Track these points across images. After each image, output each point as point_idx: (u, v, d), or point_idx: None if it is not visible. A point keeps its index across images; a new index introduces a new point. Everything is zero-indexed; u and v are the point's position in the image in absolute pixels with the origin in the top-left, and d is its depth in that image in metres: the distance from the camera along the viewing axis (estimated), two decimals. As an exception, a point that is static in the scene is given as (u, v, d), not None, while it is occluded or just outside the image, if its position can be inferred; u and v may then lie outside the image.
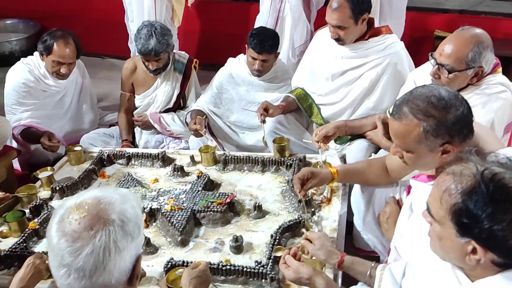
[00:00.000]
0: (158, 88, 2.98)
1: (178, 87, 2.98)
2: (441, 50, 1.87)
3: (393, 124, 1.44)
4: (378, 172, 1.85)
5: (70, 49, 2.71)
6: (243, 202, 2.13)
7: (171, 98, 2.99)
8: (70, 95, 3.00)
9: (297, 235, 1.89)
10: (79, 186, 2.31)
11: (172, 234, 1.93)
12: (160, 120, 2.96)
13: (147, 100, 3.01)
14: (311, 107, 2.60)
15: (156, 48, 2.71)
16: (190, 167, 2.46)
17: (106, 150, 2.59)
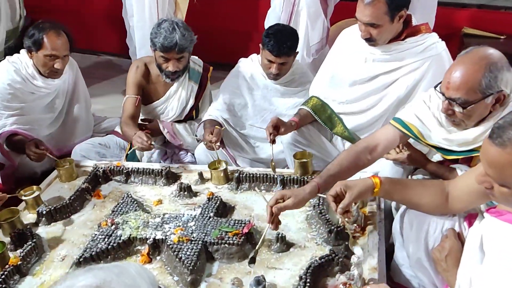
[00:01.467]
0: (170, 98, 2.63)
1: (193, 98, 2.64)
2: (447, 82, 1.57)
3: (490, 149, 1.15)
4: (434, 197, 1.52)
5: (63, 40, 2.41)
6: (262, 231, 1.81)
7: (184, 109, 2.66)
8: (61, 97, 2.68)
9: (329, 275, 1.58)
10: (69, 208, 2.00)
11: (180, 272, 1.62)
12: (172, 127, 2.63)
13: (157, 111, 2.66)
14: (330, 118, 2.28)
15: (180, 43, 2.36)
16: (198, 185, 2.14)
17: (101, 165, 2.27)
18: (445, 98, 1.59)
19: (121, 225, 1.81)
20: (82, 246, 1.79)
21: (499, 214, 1.26)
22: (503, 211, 1.25)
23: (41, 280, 1.67)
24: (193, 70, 2.63)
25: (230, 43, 4.00)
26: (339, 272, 1.57)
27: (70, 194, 2.08)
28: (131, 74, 2.59)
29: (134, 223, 1.82)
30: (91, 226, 1.92)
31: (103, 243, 1.72)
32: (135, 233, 1.77)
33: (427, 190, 1.54)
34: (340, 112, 2.27)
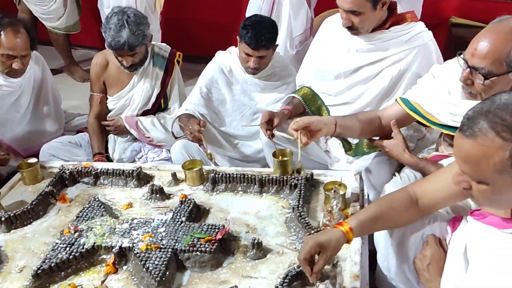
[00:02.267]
0: (134, 87, 2.51)
1: (159, 86, 2.51)
2: (473, 49, 1.45)
3: (462, 143, 1.04)
4: (405, 210, 1.39)
5: (22, 39, 2.22)
6: (238, 236, 1.69)
7: (150, 98, 2.53)
8: (27, 95, 2.50)
9: (308, 284, 1.46)
10: (31, 214, 1.85)
11: (148, 283, 1.49)
12: (137, 124, 2.50)
13: (122, 102, 2.54)
14: (319, 109, 2.16)
15: (129, 41, 2.24)
16: (171, 187, 2.01)
17: (69, 166, 2.13)
18: (467, 66, 1.47)
19: (85, 232, 1.68)
20: (42, 256, 1.65)
21: (482, 217, 1.15)
22: (486, 213, 1.14)
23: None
24: (157, 56, 2.50)
25: (211, 35, 3.84)
26: (319, 281, 1.46)
27: (33, 197, 1.93)
28: (92, 70, 2.51)
29: (99, 230, 1.68)
30: (54, 233, 1.78)
31: (64, 253, 1.59)
32: (99, 241, 1.63)
33: (397, 210, 1.39)
34: (327, 104, 2.15)
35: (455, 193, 1.29)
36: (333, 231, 1.37)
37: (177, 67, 2.57)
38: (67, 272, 1.57)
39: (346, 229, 1.34)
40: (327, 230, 1.44)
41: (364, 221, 1.38)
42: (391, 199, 1.44)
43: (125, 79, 2.50)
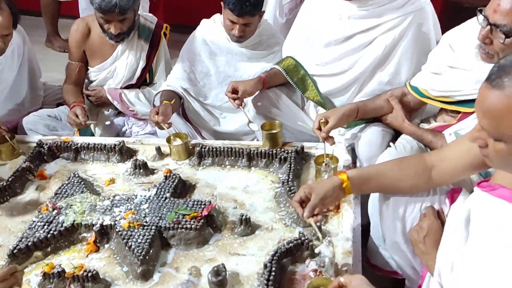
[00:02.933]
0: (118, 59, 2.38)
1: (144, 59, 2.38)
2: (495, 5, 1.37)
3: (487, 94, 0.96)
4: (414, 174, 1.33)
5: (4, 17, 2.06)
6: (225, 212, 1.62)
7: (135, 72, 2.40)
8: (9, 70, 2.37)
9: (298, 260, 1.41)
10: (8, 191, 1.76)
11: (130, 262, 1.42)
12: (121, 96, 2.39)
13: (104, 74, 2.42)
14: (303, 80, 2.06)
15: (120, 4, 2.09)
16: (156, 162, 1.92)
17: (48, 140, 2.03)
18: (487, 23, 1.39)
19: (64, 209, 1.60)
20: (20, 235, 1.57)
21: (492, 189, 1.09)
22: (496, 185, 1.08)
23: (-29, 275, 1.45)
24: (143, 27, 2.36)
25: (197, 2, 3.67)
26: (309, 258, 1.40)
27: (10, 174, 1.84)
28: (71, 36, 2.36)
29: (79, 207, 1.60)
30: (32, 211, 1.69)
31: (42, 231, 1.51)
32: (79, 219, 1.55)
33: (405, 171, 1.33)
34: (314, 74, 2.05)
35: (472, 163, 1.24)
36: (328, 178, 1.37)
37: (164, 40, 2.44)
38: (45, 251, 1.50)
39: (342, 176, 1.32)
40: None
41: (364, 174, 1.35)
42: (401, 159, 1.40)
43: (108, 50, 2.37)
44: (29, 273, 1.44)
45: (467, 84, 1.58)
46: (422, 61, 1.82)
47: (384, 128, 1.85)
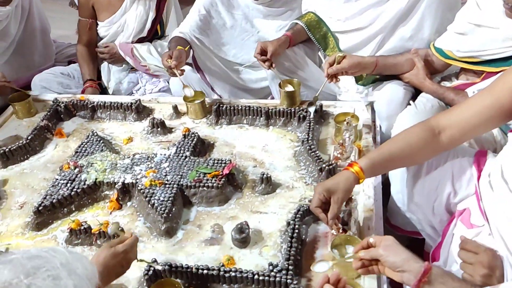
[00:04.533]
0: (127, 11, 2.33)
1: (153, 9, 2.33)
2: None
3: None
4: (424, 145, 1.27)
5: None
6: (245, 171, 1.63)
7: (145, 24, 2.35)
8: (15, 23, 2.32)
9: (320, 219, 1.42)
10: (28, 149, 1.77)
11: (154, 219, 1.44)
12: (132, 51, 2.34)
13: (115, 28, 2.37)
14: (325, 37, 2.00)
15: None
16: (173, 120, 1.92)
17: (63, 98, 2.01)
18: None
19: (85, 168, 1.61)
20: (43, 192, 1.59)
21: None
22: None
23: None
24: None
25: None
26: (334, 220, 1.41)
27: (28, 132, 1.84)
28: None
29: (100, 166, 1.61)
30: (53, 169, 1.71)
31: (65, 189, 1.53)
32: (101, 177, 1.56)
33: (414, 146, 1.27)
34: (336, 31, 1.99)
35: (487, 119, 1.20)
36: (341, 173, 1.29)
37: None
38: (69, 208, 1.52)
39: (356, 169, 1.26)
40: (336, 174, 1.37)
41: (376, 160, 1.29)
42: (407, 135, 1.33)
43: (116, 2, 2.32)
44: (55, 229, 1.47)
45: (494, 42, 1.53)
46: (446, 17, 1.76)
47: (404, 85, 1.82)
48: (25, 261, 0.59)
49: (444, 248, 1.33)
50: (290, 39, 1.97)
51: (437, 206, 1.34)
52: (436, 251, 1.37)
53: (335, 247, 1.25)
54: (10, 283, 0.56)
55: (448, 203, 1.34)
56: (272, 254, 1.33)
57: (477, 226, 1.24)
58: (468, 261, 1.09)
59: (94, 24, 2.37)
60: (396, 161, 1.31)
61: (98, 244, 1.40)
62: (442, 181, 1.33)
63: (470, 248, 1.10)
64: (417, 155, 1.30)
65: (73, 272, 0.60)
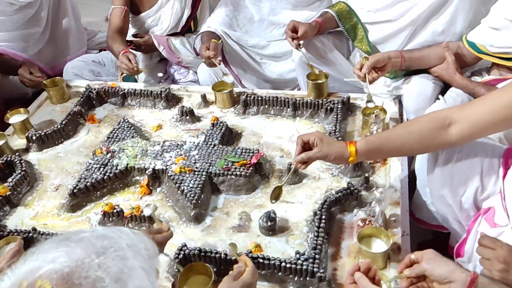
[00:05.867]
0: (162, 7, 2.34)
1: (189, 7, 2.35)
2: None
3: None
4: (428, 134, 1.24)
5: None
6: (272, 161, 1.66)
7: (180, 20, 2.37)
8: (45, 8, 2.37)
9: (346, 209, 1.44)
10: (62, 134, 1.83)
11: (183, 205, 1.48)
12: (168, 42, 2.37)
13: (148, 22, 2.39)
14: (355, 28, 1.99)
15: None
16: (201, 109, 1.95)
17: (95, 85, 2.07)
18: None
19: (117, 153, 1.65)
20: (76, 175, 1.65)
21: None
22: None
23: (34, 212, 1.55)
24: None
25: None
26: (357, 207, 1.43)
27: (62, 117, 1.91)
28: None
29: (131, 152, 1.66)
30: (86, 154, 1.77)
31: (98, 173, 1.58)
32: (132, 163, 1.61)
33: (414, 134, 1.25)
34: (366, 22, 1.98)
35: (501, 119, 1.16)
36: (341, 145, 1.31)
37: None
38: (102, 192, 1.58)
39: (351, 149, 1.27)
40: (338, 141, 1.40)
41: (373, 144, 1.29)
42: (411, 122, 1.32)
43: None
44: (89, 211, 1.53)
45: None
46: (480, 10, 1.74)
47: (434, 79, 1.80)
48: (94, 240, 0.61)
49: (468, 244, 1.34)
50: (320, 26, 1.98)
51: (465, 200, 1.34)
52: (461, 247, 1.38)
53: (362, 239, 1.27)
54: (83, 261, 0.58)
55: (475, 198, 1.34)
56: (298, 243, 1.36)
57: (500, 225, 1.24)
58: (486, 257, 1.09)
59: (128, 13, 2.38)
60: (393, 147, 1.30)
61: (129, 227, 1.45)
62: (471, 175, 1.32)
63: (487, 244, 1.10)
64: (417, 145, 1.27)
65: (137, 253, 0.63)
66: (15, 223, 1.51)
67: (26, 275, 0.57)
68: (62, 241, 0.61)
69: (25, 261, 0.58)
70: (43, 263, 0.58)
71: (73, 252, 0.59)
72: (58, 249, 0.59)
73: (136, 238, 0.65)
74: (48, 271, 0.56)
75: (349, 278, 0.99)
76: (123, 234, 0.65)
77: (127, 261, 0.60)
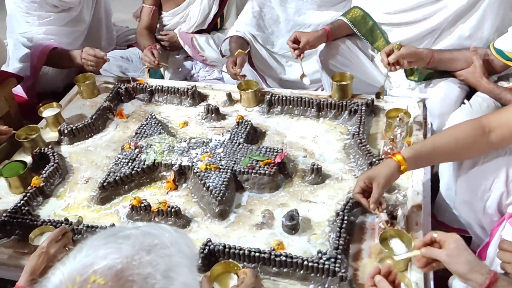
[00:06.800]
0: (191, 4, 2.39)
1: (217, 4, 2.39)
2: None
3: None
4: (472, 142, 1.28)
5: None
6: (296, 160, 1.68)
7: (207, 17, 2.41)
8: (87, 9, 2.44)
9: (368, 211, 1.46)
10: (92, 128, 1.89)
11: (208, 201, 1.52)
12: (192, 41, 2.42)
13: (177, 19, 2.44)
14: (372, 31, 1.99)
15: None
16: (226, 107, 1.99)
17: (123, 81, 2.12)
18: None
19: (145, 149, 1.71)
20: (105, 169, 1.71)
21: None
22: None
23: (66, 203, 1.61)
24: None
25: None
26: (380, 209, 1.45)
27: (91, 111, 1.97)
28: None
29: (158, 147, 1.71)
30: (114, 148, 1.82)
31: (127, 168, 1.63)
32: (159, 158, 1.66)
33: (460, 141, 1.28)
34: (384, 23, 1.98)
35: None
36: (383, 162, 1.34)
37: None
38: (130, 186, 1.63)
39: (398, 158, 1.30)
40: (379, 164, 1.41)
41: (420, 152, 1.32)
42: (454, 130, 1.34)
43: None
44: (117, 204, 1.58)
45: None
46: (508, 16, 1.74)
47: (459, 83, 1.80)
48: (141, 238, 0.63)
49: (491, 248, 1.35)
50: (328, 34, 1.99)
51: (489, 205, 1.35)
52: (483, 250, 1.38)
53: (383, 241, 1.29)
54: (133, 258, 0.60)
55: (500, 203, 1.34)
56: (320, 242, 1.39)
57: None
58: (506, 260, 1.10)
59: (157, 11, 2.44)
60: (440, 155, 1.33)
61: (156, 221, 1.50)
62: (496, 180, 1.33)
63: (506, 248, 1.11)
64: (462, 151, 1.31)
65: (180, 251, 0.65)
66: (48, 213, 1.57)
67: (79, 270, 0.59)
68: (109, 237, 0.64)
69: (75, 257, 0.61)
70: (95, 259, 0.60)
71: (123, 249, 0.61)
72: (107, 245, 0.62)
73: (177, 235, 0.67)
74: (102, 267, 0.59)
75: (370, 281, 1.02)
76: (165, 231, 0.67)
77: (172, 258, 0.63)
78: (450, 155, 1.34)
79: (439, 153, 1.32)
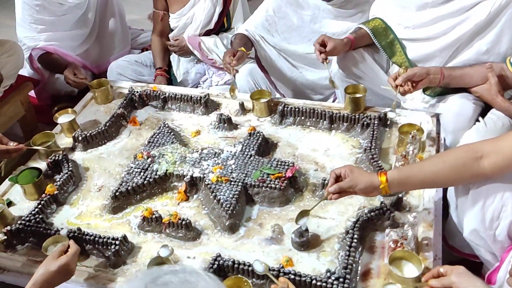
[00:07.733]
0: (196, 4, 2.41)
1: (221, 3, 2.40)
2: None
3: None
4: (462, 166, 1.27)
5: None
6: (306, 174, 1.68)
7: (212, 17, 2.43)
8: (93, 10, 2.47)
9: (379, 229, 1.46)
10: (105, 135, 1.91)
11: (218, 214, 1.54)
12: (200, 45, 2.43)
13: (184, 20, 2.46)
14: (392, 44, 1.97)
15: None
16: (238, 117, 1.99)
17: (137, 88, 2.14)
18: None
19: (157, 158, 1.72)
20: (118, 177, 1.73)
21: None
22: None
23: (79, 211, 1.64)
24: None
25: None
26: (390, 227, 1.45)
27: (105, 117, 2.00)
28: None
29: (170, 158, 1.72)
30: (127, 156, 1.84)
31: (139, 177, 1.65)
32: (171, 169, 1.67)
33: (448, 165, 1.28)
34: (404, 38, 1.96)
35: None
36: (371, 174, 1.37)
37: None
38: (142, 196, 1.65)
39: (382, 179, 1.31)
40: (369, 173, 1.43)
41: (406, 173, 1.33)
42: (444, 153, 1.35)
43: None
44: (129, 214, 1.61)
45: None
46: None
47: (474, 99, 1.77)
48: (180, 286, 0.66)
49: (501, 273, 1.33)
50: (352, 42, 1.97)
51: (499, 233, 1.33)
52: (493, 274, 1.37)
53: (393, 261, 1.29)
54: None
55: (510, 229, 1.33)
56: (329, 260, 1.39)
57: None
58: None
59: (167, 15, 2.47)
60: (427, 176, 1.31)
61: (167, 233, 1.51)
62: (504, 208, 1.31)
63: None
64: (451, 174, 1.30)
65: None
66: (61, 221, 1.60)
67: None
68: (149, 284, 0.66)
69: None
70: None
71: None
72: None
73: (212, 282, 0.70)
74: None
75: None
76: (201, 279, 0.69)
77: None
78: (437, 177, 1.31)
79: (425, 174, 1.31)
